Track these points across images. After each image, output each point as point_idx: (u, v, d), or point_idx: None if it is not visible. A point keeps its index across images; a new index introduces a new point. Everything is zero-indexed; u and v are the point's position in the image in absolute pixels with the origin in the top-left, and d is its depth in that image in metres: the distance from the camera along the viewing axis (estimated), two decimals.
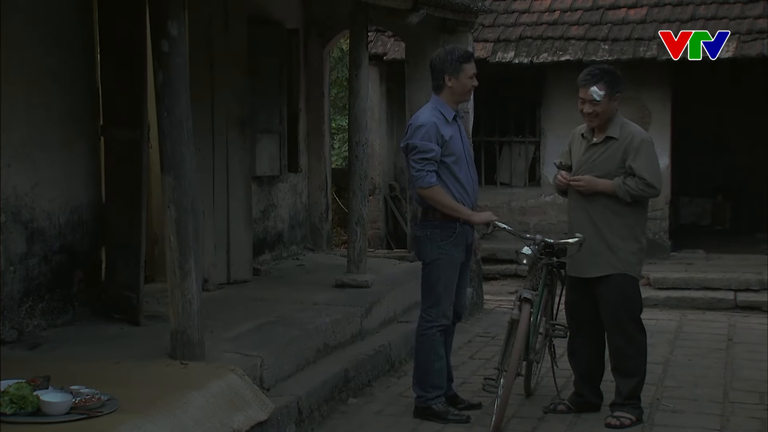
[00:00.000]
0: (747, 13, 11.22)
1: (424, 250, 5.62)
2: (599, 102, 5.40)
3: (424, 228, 5.63)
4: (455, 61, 5.53)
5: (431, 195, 5.47)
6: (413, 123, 5.58)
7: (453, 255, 5.57)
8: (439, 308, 5.60)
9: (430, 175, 5.43)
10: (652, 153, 5.44)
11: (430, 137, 5.43)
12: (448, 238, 5.54)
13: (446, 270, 5.57)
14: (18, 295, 5.61)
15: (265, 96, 8.55)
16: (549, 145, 11.96)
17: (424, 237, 5.61)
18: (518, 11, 12.32)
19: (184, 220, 5.08)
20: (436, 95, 5.62)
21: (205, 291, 5.92)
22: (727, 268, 10.38)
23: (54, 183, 5.91)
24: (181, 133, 5.07)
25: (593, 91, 5.40)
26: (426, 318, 5.64)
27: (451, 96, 5.59)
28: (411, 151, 5.47)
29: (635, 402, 5.53)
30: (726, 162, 13.36)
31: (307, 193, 9.86)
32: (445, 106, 5.57)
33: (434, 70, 5.60)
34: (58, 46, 5.98)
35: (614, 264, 5.43)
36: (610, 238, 5.43)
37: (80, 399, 4.16)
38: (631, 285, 5.49)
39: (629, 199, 5.38)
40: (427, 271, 5.63)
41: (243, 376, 4.91)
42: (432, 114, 5.53)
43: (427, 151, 5.42)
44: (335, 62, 16.11)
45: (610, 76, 5.47)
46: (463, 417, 5.59)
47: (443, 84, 5.57)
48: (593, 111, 5.43)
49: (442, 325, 5.62)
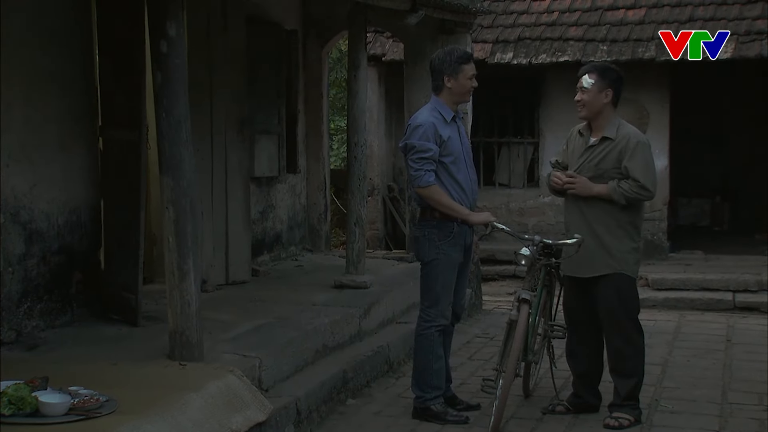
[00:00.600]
0: (745, 14, 11.23)
1: (423, 250, 5.63)
2: (587, 90, 5.44)
3: (422, 228, 5.63)
4: (454, 62, 5.54)
5: (429, 194, 5.48)
6: (412, 123, 5.59)
7: (451, 255, 5.58)
8: (438, 308, 5.60)
9: (428, 174, 5.43)
10: (647, 155, 5.44)
11: (428, 137, 5.44)
12: (446, 238, 5.54)
13: (444, 270, 5.57)
14: (16, 296, 5.61)
15: (263, 97, 8.55)
16: (548, 146, 11.97)
17: (422, 237, 5.62)
18: (517, 12, 12.33)
19: (182, 221, 5.08)
20: (435, 96, 5.63)
21: (203, 292, 5.91)
22: (725, 269, 10.39)
23: (52, 184, 5.90)
24: (179, 133, 5.07)
25: (584, 78, 5.47)
26: (424, 318, 5.64)
27: (450, 97, 5.60)
28: (409, 150, 5.48)
29: (634, 403, 5.53)
30: (724, 163, 13.38)
31: (306, 194, 9.86)
32: (444, 106, 5.58)
33: (433, 71, 5.61)
34: (57, 47, 5.97)
35: (610, 264, 5.43)
36: (605, 238, 5.43)
37: (79, 400, 4.16)
38: (627, 284, 5.48)
39: (624, 202, 5.38)
40: (426, 271, 5.63)
41: (241, 377, 4.90)
42: (430, 114, 5.53)
43: (425, 150, 5.43)
44: (334, 63, 16.12)
45: (606, 71, 5.50)
46: (462, 418, 5.59)
47: (442, 85, 5.57)
48: (581, 99, 5.48)
49: (440, 325, 5.62)
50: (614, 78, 5.48)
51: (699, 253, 11.52)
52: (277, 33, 8.86)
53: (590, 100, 5.46)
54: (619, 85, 5.50)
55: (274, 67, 8.77)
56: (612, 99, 5.47)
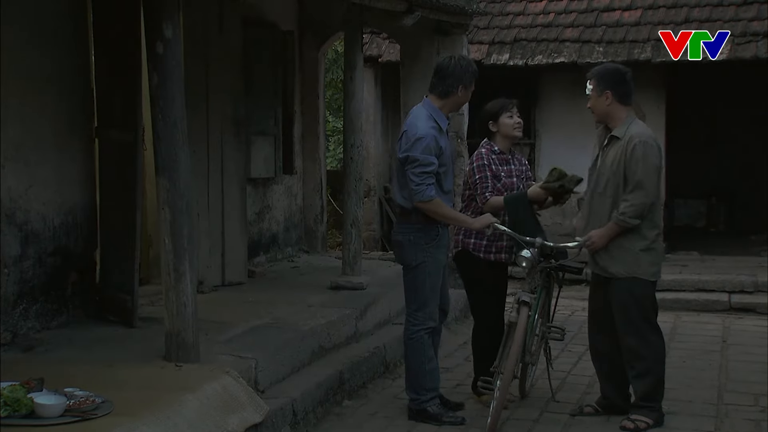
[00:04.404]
0: (741, 16, 11.24)
1: (409, 254, 5.58)
2: (589, 97, 5.52)
3: (405, 232, 5.59)
4: (471, 74, 5.58)
5: (431, 208, 5.46)
6: (410, 132, 5.48)
7: (438, 258, 5.58)
8: (426, 311, 5.60)
9: (429, 188, 5.41)
10: (646, 153, 5.35)
11: (431, 150, 5.40)
12: (432, 241, 5.54)
13: (432, 273, 5.57)
14: (12, 297, 5.60)
15: (259, 98, 8.55)
16: (543, 147, 11.98)
17: (407, 242, 5.57)
18: (513, 13, 12.34)
19: (178, 222, 5.08)
20: (437, 99, 5.57)
21: (199, 293, 5.91)
22: (721, 270, 10.39)
23: (48, 185, 5.90)
24: (175, 134, 5.07)
25: (586, 85, 5.52)
26: (412, 322, 5.63)
27: (453, 105, 5.63)
28: (411, 163, 5.41)
29: (653, 405, 5.45)
30: (720, 164, 13.39)
31: (302, 195, 9.86)
32: (441, 114, 5.55)
33: (448, 76, 5.54)
34: (53, 48, 5.96)
35: (623, 266, 5.39)
36: (618, 239, 5.39)
37: (74, 401, 4.16)
38: (641, 286, 5.40)
39: (637, 221, 5.32)
40: (413, 274, 5.60)
41: (238, 378, 4.90)
42: (428, 123, 5.47)
43: (428, 164, 5.39)
44: (330, 64, 16.12)
45: (603, 74, 5.52)
46: (459, 419, 5.59)
47: (454, 91, 5.54)
48: (589, 106, 5.56)
49: (429, 327, 5.62)
50: (612, 79, 5.48)
51: (695, 254, 11.52)
52: (274, 34, 8.86)
53: (593, 105, 5.52)
54: (620, 84, 5.49)
55: (271, 68, 8.77)
56: (614, 99, 5.46)
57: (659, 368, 5.50)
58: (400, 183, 5.59)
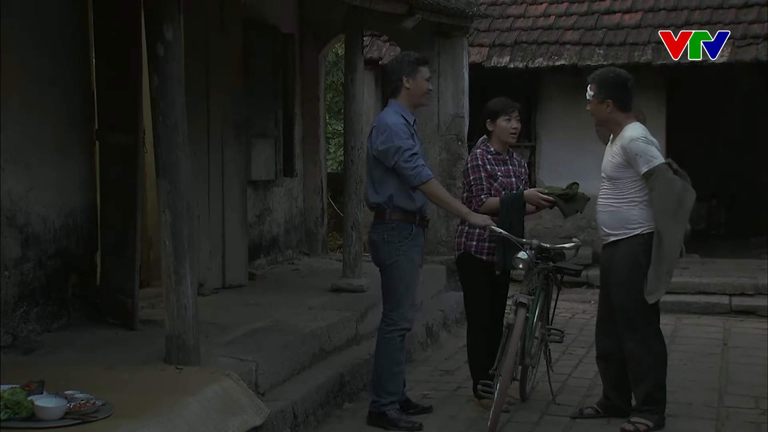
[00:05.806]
0: (741, 18, 11.25)
1: (382, 253, 5.56)
2: (590, 102, 5.52)
3: (379, 231, 5.57)
4: (412, 63, 5.58)
5: (431, 190, 5.47)
6: (380, 125, 5.51)
7: (411, 257, 5.56)
8: (400, 311, 5.57)
9: (424, 168, 5.43)
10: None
11: (407, 134, 5.44)
12: (405, 239, 5.52)
13: (406, 271, 5.55)
14: (12, 299, 5.60)
15: (260, 100, 8.55)
16: (544, 149, 11.98)
17: (380, 241, 5.55)
18: (513, 16, 12.34)
19: (179, 225, 5.08)
20: (393, 100, 5.62)
21: (200, 295, 5.91)
22: (721, 273, 10.39)
23: (49, 187, 5.90)
24: (176, 137, 5.06)
25: (587, 89, 5.53)
26: (387, 322, 5.61)
27: (408, 99, 5.60)
28: (396, 152, 5.40)
29: (654, 408, 5.44)
30: (720, 166, 13.38)
31: (303, 198, 9.86)
32: (405, 109, 5.58)
33: (391, 73, 5.63)
34: (53, 50, 5.97)
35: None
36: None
37: (75, 404, 4.15)
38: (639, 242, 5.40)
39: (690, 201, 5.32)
40: (387, 274, 5.58)
41: (238, 381, 4.90)
42: (395, 116, 5.51)
43: (411, 147, 5.42)
44: (330, 66, 16.12)
45: (605, 81, 5.49)
46: (416, 425, 5.51)
47: (401, 86, 5.58)
48: (588, 110, 5.57)
49: (403, 329, 5.60)
50: (613, 87, 5.46)
51: (695, 257, 11.50)
52: (274, 36, 8.86)
53: (593, 110, 5.54)
54: (622, 91, 5.48)
55: (271, 70, 8.77)
56: (615, 107, 5.46)
57: (660, 372, 5.50)
58: (373, 178, 5.58)
